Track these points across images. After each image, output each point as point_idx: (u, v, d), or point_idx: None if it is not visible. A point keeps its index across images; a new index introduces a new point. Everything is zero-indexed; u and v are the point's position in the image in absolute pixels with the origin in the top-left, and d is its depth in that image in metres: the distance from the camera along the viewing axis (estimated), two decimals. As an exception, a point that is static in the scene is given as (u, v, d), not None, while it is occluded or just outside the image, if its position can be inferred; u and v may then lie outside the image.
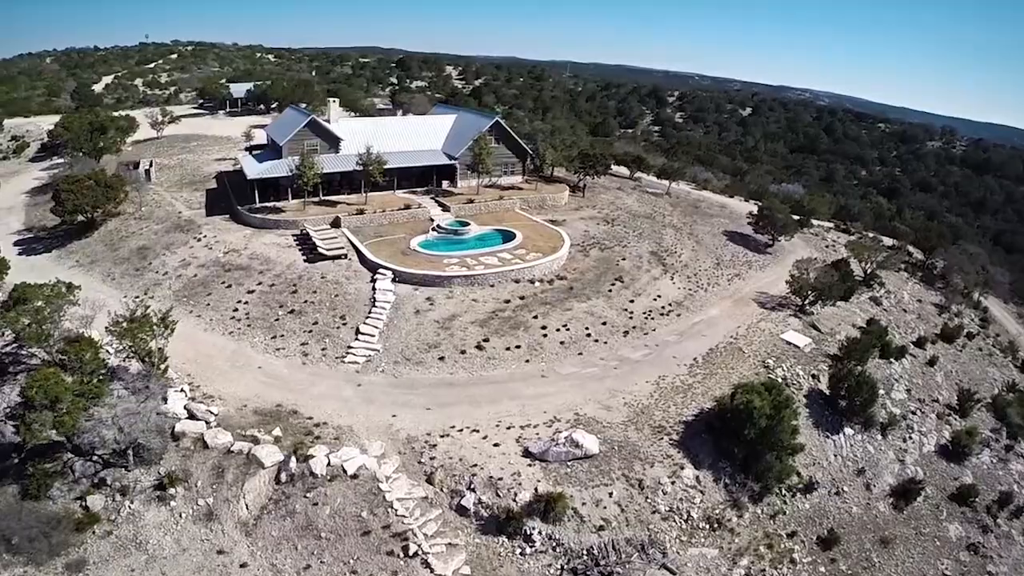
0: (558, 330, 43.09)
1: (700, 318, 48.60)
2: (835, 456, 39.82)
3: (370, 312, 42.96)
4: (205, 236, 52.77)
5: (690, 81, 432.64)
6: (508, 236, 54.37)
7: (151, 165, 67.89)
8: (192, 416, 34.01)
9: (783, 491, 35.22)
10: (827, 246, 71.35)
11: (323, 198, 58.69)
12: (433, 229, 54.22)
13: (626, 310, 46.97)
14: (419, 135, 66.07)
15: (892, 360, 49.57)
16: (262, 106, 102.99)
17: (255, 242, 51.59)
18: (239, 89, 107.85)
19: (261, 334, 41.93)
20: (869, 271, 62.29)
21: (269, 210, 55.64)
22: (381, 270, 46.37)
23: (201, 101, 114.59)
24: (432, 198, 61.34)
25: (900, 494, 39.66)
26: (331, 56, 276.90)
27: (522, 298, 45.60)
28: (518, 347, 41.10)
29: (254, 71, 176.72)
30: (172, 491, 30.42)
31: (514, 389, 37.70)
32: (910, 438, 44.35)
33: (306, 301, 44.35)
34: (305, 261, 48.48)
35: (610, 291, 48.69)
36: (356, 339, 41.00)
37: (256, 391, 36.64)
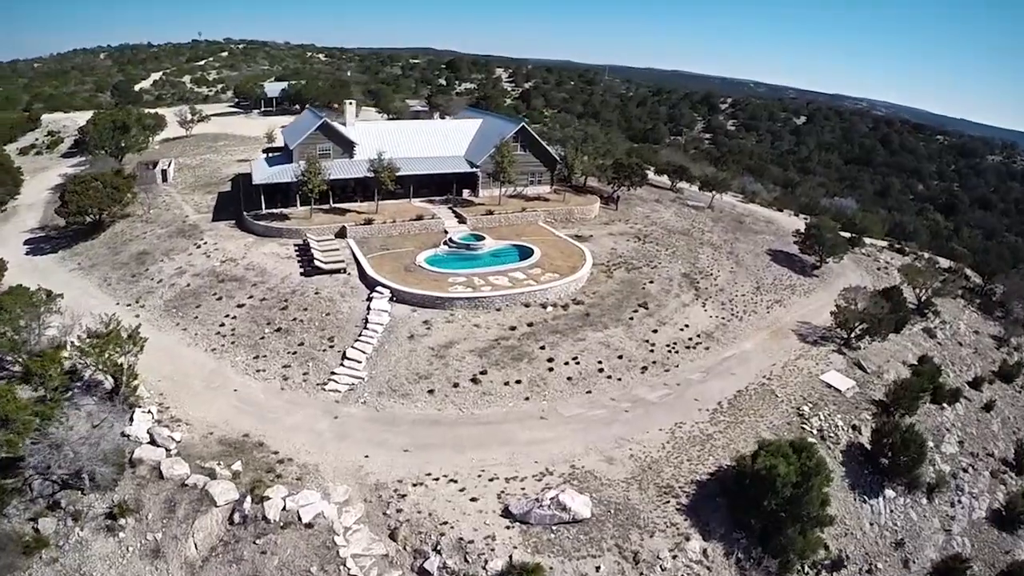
0: (567, 363, 38.72)
1: (731, 352, 43.48)
2: (871, 525, 34.27)
3: (360, 334, 39.54)
4: (206, 243, 50.46)
5: (745, 88, 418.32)
6: (525, 253, 50.28)
7: (169, 165, 66.46)
8: (153, 441, 31.25)
9: (806, 568, 30.03)
10: (879, 268, 64.81)
11: (334, 205, 55.82)
12: (444, 243, 50.57)
13: (647, 341, 42.23)
14: (441, 140, 62.66)
15: (944, 405, 43.59)
16: (296, 106, 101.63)
17: (255, 251, 48.96)
18: (274, 88, 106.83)
19: (244, 353, 39.01)
20: (923, 299, 55.88)
21: (275, 217, 53.03)
22: (379, 288, 42.94)
23: (237, 100, 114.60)
24: (450, 208, 57.75)
25: (943, 573, 33.83)
26: (381, 56, 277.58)
27: (530, 325, 41.42)
28: (518, 382, 36.94)
29: (302, 70, 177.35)
30: (123, 522, 27.95)
31: (506, 432, 33.53)
32: (959, 502, 38.57)
33: (295, 319, 41.25)
34: (302, 274, 45.48)
35: (631, 319, 44.03)
36: (341, 364, 37.61)
37: (227, 417, 33.71)
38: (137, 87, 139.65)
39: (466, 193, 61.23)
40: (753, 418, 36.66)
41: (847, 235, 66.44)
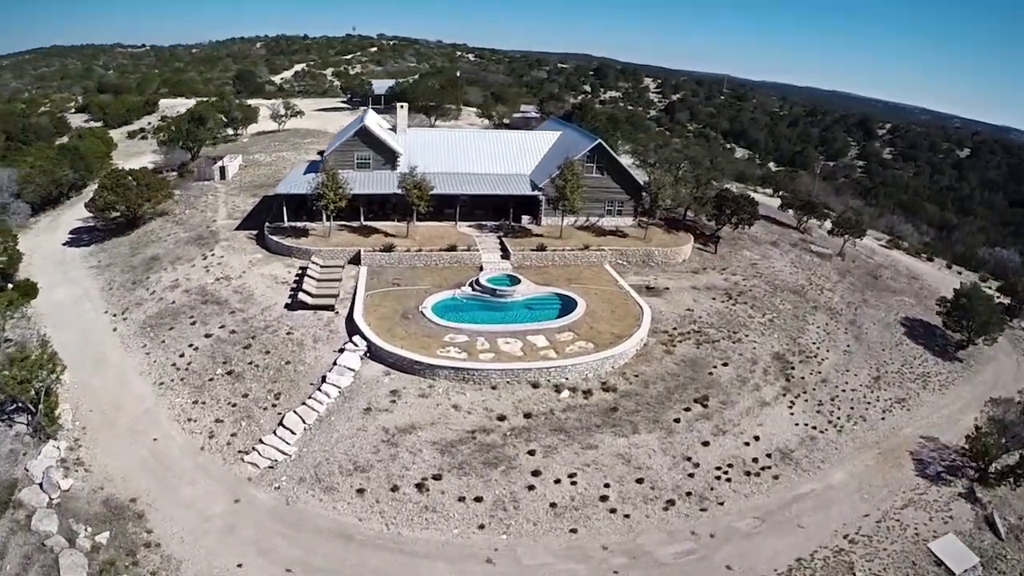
0: (558, 481, 28.30)
1: (811, 487, 30.67)
2: None
3: (311, 396, 31.80)
4: (212, 255, 45.38)
5: (908, 114, 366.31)
6: (568, 306, 40.10)
7: (231, 162, 63.33)
8: (42, 484, 27.45)
9: None
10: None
11: (365, 223, 48.82)
12: (470, 284, 41.57)
13: (689, 459, 30.51)
14: (506, 156, 53.66)
15: None
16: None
17: (254, 271, 43.02)
18: (381, 86, 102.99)
19: (186, 395, 33.05)
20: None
21: (292, 233, 46.85)
22: (355, 338, 34.96)
23: (350, 96, 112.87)
24: (499, 237, 48.57)
25: None
26: (530, 59, 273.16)
27: (528, 416, 31.31)
28: (479, 499, 27.18)
29: (447, 69, 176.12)
30: (-16, 566, 24.27)
31: (430, 574, 24.15)
32: None
33: (251, 362, 34.45)
34: (286, 306, 38.69)
35: (677, 420, 32.44)
36: (275, 431, 30.11)
37: (128, 471, 28.57)
38: (279, 78, 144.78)
39: (525, 220, 51.71)
40: (812, 620, 24.25)
41: (1005, 301, 49.52)
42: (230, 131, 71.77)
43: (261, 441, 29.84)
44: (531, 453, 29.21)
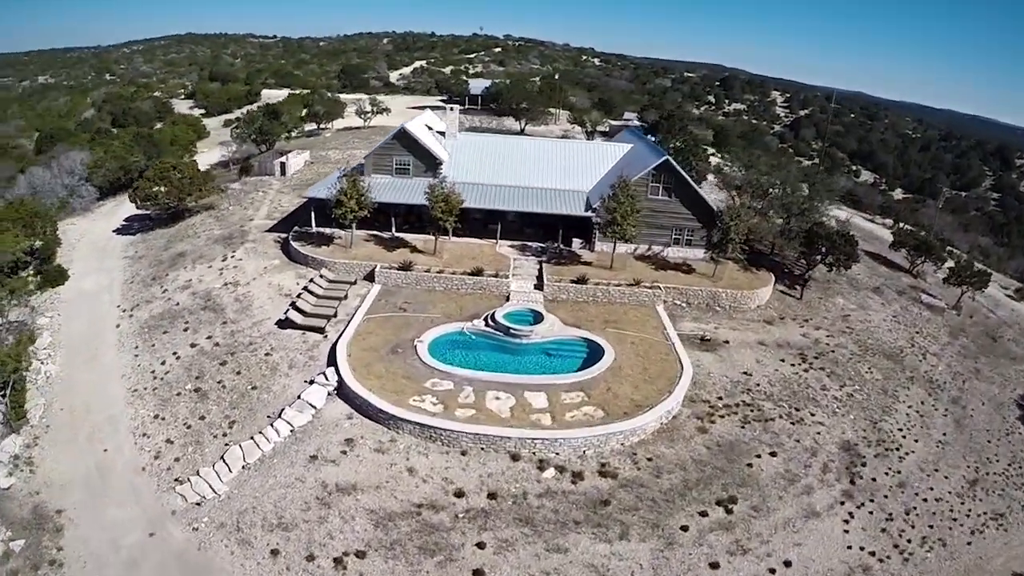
0: (502, 588, 22.72)
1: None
2: None
3: (262, 430, 28.15)
4: (233, 256, 43.37)
5: None
6: (596, 354, 33.97)
7: (296, 157, 61.91)
8: None
9: None
10: None
11: (396, 234, 44.96)
12: (485, 318, 36.35)
13: (688, 583, 23.77)
14: (567, 169, 47.81)
15: None
16: (493, 105, 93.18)
17: (264, 279, 40.38)
18: (477, 86, 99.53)
19: (152, 407, 31.13)
20: None
21: (315, 240, 43.81)
22: (330, 370, 30.91)
23: (449, 95, 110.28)
24: (540, 262, 42.96)
25: None
26: (656, 67, 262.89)
27: (493, 496, 25.63)
28: (400, 598, 22.17)
29: (571, 71, 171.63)
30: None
31: None
32: None
33: (220, 382, 31.65)
34: (277, 323, 35.46)
35: (685, 528, 25.46)
36: (214, 465, 26.77)
37: (70, 479, 27.18)
38: (396, 74, 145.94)
39: (576, 244, 45.69)
40: None
41: None
42: (313, 126, 70.98)
43: (197, 472, 26.82)
44: (480, 546, 23.66)
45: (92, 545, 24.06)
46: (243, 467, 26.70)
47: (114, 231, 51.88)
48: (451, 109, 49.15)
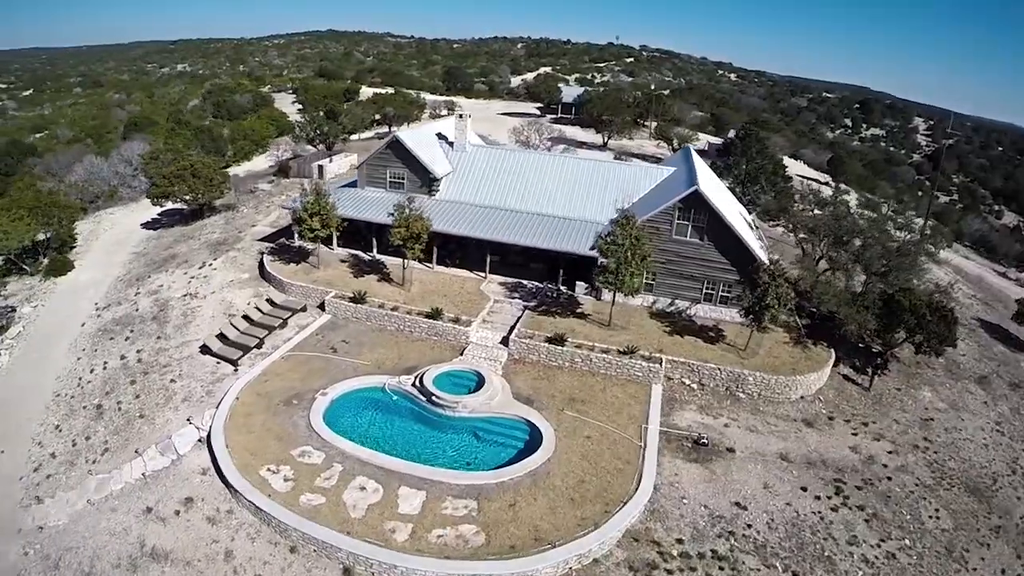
0: None
1: None
2: None
3: (117, 469, 25.18)
4: (209, 264, 41.07)
5: None
6: (535, 445, 26.88)
7: (342, 159, 59.57)
8: None
9: None
10: None
11: (376, 256, 40.37)
12: (416, 377, 30.35)
13: None
14: (590, 194, 40.31)
15: None
16: (580, 114, 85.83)
17: (222, 294, 37.56)
18: (570, 93, 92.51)
19: (60, 416, 29.77)
20: None
21: (290, 255, 40.31)
22: (211, 413, 26.96)
23: (546, 102, 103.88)
24: (526, 308, 36.25)
25: None
26: (794, 86, 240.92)
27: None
28: None
29: (701, 86, 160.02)
30: None
31: None
32: None
33: (120, 403, 29.50)
34: (200, 348, 32.16)
35: None
36: (54, 495, 24.21)
37: None
38: (519, 79, 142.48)
39: (580, 288, 38.38)
40: None
41: None
42: (384, 128, 68.85)
43: (52, 496, 24.56)
44: None
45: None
46: (87, 502, 23.91)
47: (141, 225, 52.25)
48: (461, 116, 43.24)
